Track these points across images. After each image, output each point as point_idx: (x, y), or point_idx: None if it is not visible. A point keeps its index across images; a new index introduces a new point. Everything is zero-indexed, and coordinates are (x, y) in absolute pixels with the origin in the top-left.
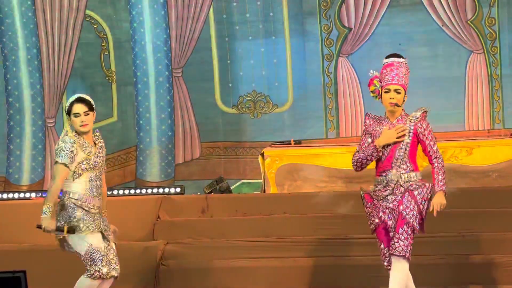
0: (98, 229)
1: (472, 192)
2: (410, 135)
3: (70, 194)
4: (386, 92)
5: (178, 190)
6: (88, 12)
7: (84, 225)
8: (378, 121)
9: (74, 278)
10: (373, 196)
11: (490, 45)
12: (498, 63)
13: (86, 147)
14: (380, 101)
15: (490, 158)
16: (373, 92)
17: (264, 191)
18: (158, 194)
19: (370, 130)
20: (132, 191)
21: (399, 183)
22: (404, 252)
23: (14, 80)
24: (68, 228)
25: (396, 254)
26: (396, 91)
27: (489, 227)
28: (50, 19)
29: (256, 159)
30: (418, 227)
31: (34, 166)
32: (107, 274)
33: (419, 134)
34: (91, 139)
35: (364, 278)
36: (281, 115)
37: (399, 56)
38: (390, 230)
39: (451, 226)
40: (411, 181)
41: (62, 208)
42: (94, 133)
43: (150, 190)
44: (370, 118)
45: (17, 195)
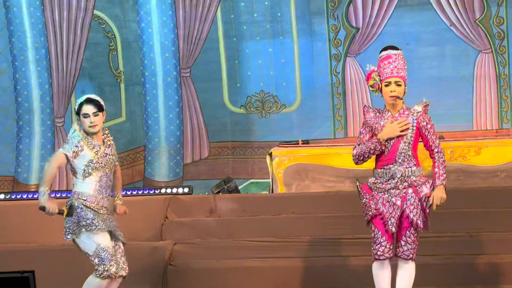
0: (107, 228)
1: (480, 191)
2: (413, 129)
3: (79, 195)
4: (387, 85)
5: (186, 190)
6: (96, 12)
7: (93, 225)
8: (379, 113)
9: (82, 278)
10: (372, 187)
11: (498, 44)
12: (506, 63)
13: (95, 146)
14: (380, 95)
15: (498, 157)
16: (372, 86)
17: (272, 191)
18: (166, 194)
19: (370, 123)
20: (140, 191)
21: (403, 178)
22: (412, 255)
23: (23, 80)
24: (67, 210)
25: (404, 257)
26: (396, 84)
27: (497, 227)
28: (59, 19)
29: (264, 159)
30: (422, 225)
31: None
32: (116, 273)
33: (422, 128)
34: (101, 139)
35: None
36: (289, 115)
37: (395, 48)
38: (386, 223)
39: (459, 226)
40: (414, 175)
41: (71, 208)
42: (103, 131)
43: (158, 190)
44: (370, 110)
45: (25, 196)
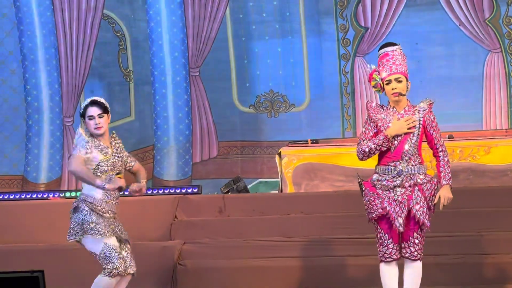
0: (113, 233)
1: (490, 191)
2: (419, 127)
3: (86, 197)
4: (388, 83)
5: (195, 190)
6: (105, 11)
7: (95, 230)
8: (382, 110)
9: (91, 277)
10: (376, 185)
11: (508, 44)
12: None
13: (103, 149)
14: (384, 94)
15: (508, 157)
16: (374, 86)
17: (281, 191)
18: (175, 193)
19: (375, 119)
20: (149, 191)
21: (409, 175)
22: (419, 256)
23: (33, 79)
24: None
25: (412, 258)
26: (397, 80)
27: (507, 226)
28: (68, 19)
29: (273, 158)
30: (428, 224)
31: (51, 165)
32: (124, 271)
33: (427, 125)
34: (108, 141)
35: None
36: (298, 115)
37: (393, 44)
38: (394, 223)
39: (469, 225)
40: (419, 173)
41: (75, 210)
42: (110, 134)
43: (167, 190)
44: (373, 106)
45: (35, 195)
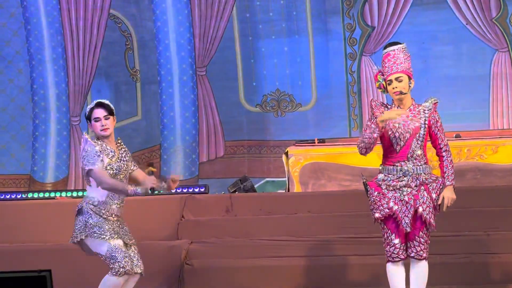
0: (117, 236)
1: (497, 190)
2: (425, 127)
3: (89, 200)
4: (389, 83)
5: (202, 189)
6: (112, 11)
7: (100, 232)
8: (387, 109)
9: (99, 277)
10: (381, 185)
11: None
12: None
13: (109, 153)
14: (388, 94)
15: None
16: (379, 87)
17: (288, 190)
18: (182, 193)
19: (378, 115)
20: (156, 190)
21: (415, 175)
22: (424, 255)
23: (40, 78)
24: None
25: (418, 258)
26: (397, 80)
27: None
28: (75, 18)
29: (280, 158)
30: (434, 224)
31: (58, 164)
32: (131, 269)
33: (432, 125)
34: (114, 145)
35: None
36: (304, 114)
37: (395, 43)
38: (401, 223)
39: (476, 224)
40: (425, 173)
41: (79, 213)
42: (116, 140)
43: (174, 190)
44: (377, 104)
45: (42, 195)
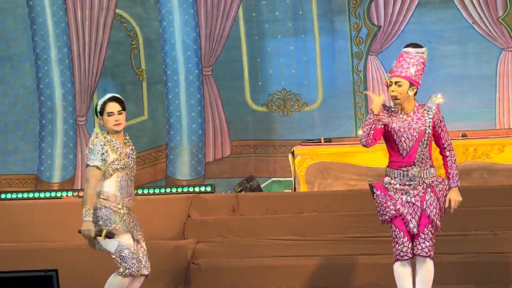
0: (126, 230)
1: (503, 190)
2: (430, 129)
3: (99, 194)
4: (390, 84)
5: (208, 189)
6: (118, 11)
7: (111, 226)
8: (389, 111)
9: (105, 276)
10: (388, 187)
11: None
12: None
13: (118, 148)
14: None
15: None
16: (385, 85)
17: (294, 190)
18: (189, 193)
19: (385, 121)
20: (162, 190)
21: (421, 179)
22: (430, 252)
23: (46, 78)
24: (106, 233)
25: (423, 255)
26: (397, 84)
27: None
28: (81, 18)
29: (286, 157)
30: (440, 225)
31: (65, 164)
32: (138, 271)
33: (436, 126)
34: (122, 140)
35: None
36: (311, 114)
37: (416, 45)
38: (408, 224)
39: (483, 224)
40: (431, 176)
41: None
42: (124, 136)
43: (180, 189)
44: (382, 107)
45: (48, 194)
